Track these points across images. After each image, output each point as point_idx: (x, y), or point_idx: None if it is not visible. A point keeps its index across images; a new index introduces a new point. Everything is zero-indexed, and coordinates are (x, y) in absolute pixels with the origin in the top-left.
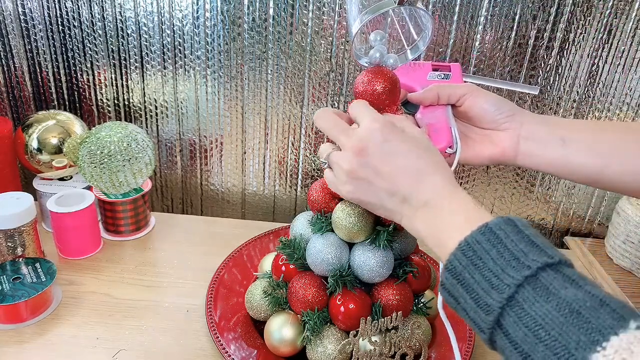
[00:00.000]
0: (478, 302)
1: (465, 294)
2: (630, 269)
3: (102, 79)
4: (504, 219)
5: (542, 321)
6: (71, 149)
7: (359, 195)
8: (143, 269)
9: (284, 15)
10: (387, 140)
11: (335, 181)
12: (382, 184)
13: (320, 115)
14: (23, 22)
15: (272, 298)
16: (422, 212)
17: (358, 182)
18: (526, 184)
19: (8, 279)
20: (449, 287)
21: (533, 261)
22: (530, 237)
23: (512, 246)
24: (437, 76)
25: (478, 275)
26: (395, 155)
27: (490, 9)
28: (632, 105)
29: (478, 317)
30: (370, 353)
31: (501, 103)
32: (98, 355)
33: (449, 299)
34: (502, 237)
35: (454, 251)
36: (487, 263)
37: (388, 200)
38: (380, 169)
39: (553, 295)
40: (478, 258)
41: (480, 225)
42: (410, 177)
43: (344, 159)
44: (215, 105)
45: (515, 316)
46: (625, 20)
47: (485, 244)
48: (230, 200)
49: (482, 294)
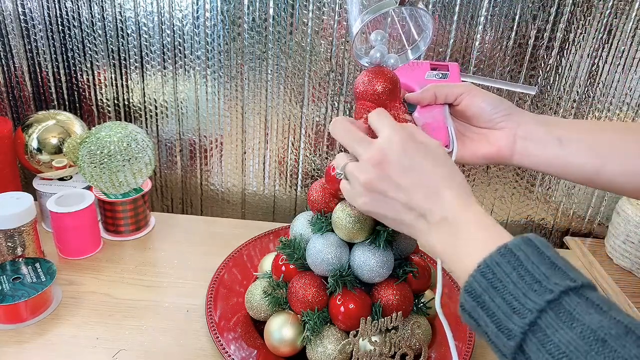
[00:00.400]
0: (499, 326)
1: (486, 317)
2: (630, 269)
3: (102, 79)
4: (524, 240)
5: (565, 349)
6: (71, 149)
7: (375, 208)
8: (143, 269)
9: (284, 15)
10: (407, 153)
11: (351, 193)
12: (399, 197)
13: (335, 124)
14: (23, 22)
15: (272, 298)
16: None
17: (374, 195)
18: (526, 184)
19: (8, 279)
20: (469, 310)
21: (555, 285)
22: (551, 259)
23: (532, 269)
24: (435, 75)
25: (499, 298)
26: (413, 169)
27: (490, 9)
28: (632, 105)
29: (500, 341)
30: (370, 353)
31: (498, 102)
32: (98, 355)
33: (469, 321)
34: (522, 259)
35: (472, 273)
36: (507, 286)
37: (405, 215)
38: (398, 182)
39: (577, 321)
40: (498, 281)
41: (499, 246)
42: (428, 192)
43: (361, 170)
44: (215, 105)
45: (538, 343)
46: (625, 20)
47: (505, 266)
48: (230, 200)
49: (503, 318)
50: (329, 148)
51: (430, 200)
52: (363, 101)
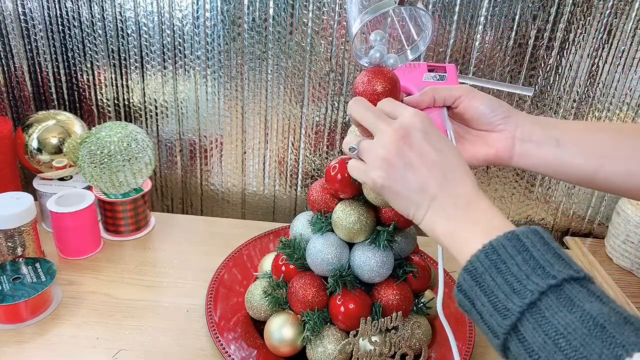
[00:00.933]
0: (496, 305)
1: (483, 296)
2: (630, 269)
3: (102, 79)
4: (531, 229)
5: (563, 330)
6: (71, 149)
7: (390, 182)
8: (143, 269)
9: (284, 15)
10: (428, 134)
11: (363, 168)
12: (415, 175)
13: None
14: (23, 22)
15: (272, 298)
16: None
17: (392, 169)
18: (526, 184)
19: (8, 279)
20: (466, 289)
21: (559, 272)
22: (556, 250)
23: (538, 255)
24: (433, 77)
25: (500, 278)
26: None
27: (490, 9)
28: (632, 105)
29: (494, 320)
30: (370, 353)
31: (496, 105)
32: (98, 355)
33: (464, 301)
34: (528, 245)
35: (476, 253)
36: (511, 268)
37: (416, 194)
38: (417, 160)
39: (577, 307)
40: (502, 262)
41: (506, 232)
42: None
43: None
44: (215, 105)
45: (535, 322)
46: (625, 20)
47: (511, 249)
48: (230, 200)
49: (502, 298)
50: (329, 148)
51: (445, 184)
52: None
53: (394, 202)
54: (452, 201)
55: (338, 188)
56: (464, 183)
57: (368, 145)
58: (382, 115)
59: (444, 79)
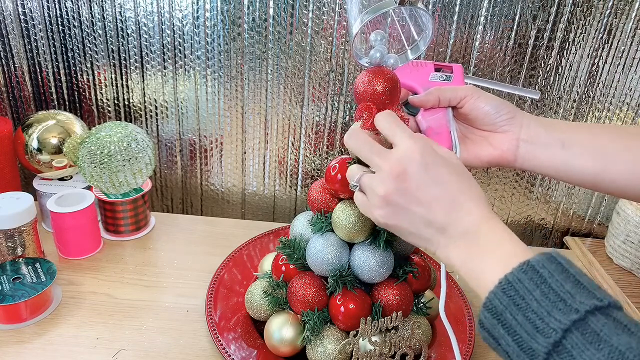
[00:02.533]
0: (521, 345)
1: (507, 335)
2: (630, 269)
3: (102, 79)
4: (547, 257)
5: None
6: (71, 149)
7: (394, 222)
8: (143, 269)
9: (284, 15)
10: (427, 167)
11: (367, 205)
12: (419, 211)
13: (351, 135)
14: (23, 22)
15: (272, 298)
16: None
17: (393, 208)
18: (526, 184)
19: (8, 279)
20: (489, 327)
21: (581, 304)
22: (575, 277)
23: (557, 286)
24: (439, 77)
25: (521, 316)
26: (433, 183)
27: (490, 9)
28: (632, 105)
29: None
30: (370, 353)
31: (501, 106)
32: (98, 355)
33: (489, 339)
34: (545, 276)
35: (493, 289)
36: (530, 304)
37: (424, 229)
38: (418, 196)
39: (604, 342)
40: (520, 298)
41: (521, 263)
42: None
43: (379, 182)
44: (215, 105)
45: None
46: (625, 20)
47: (528, 283)
48: (230, 200)
49: (526, 337)
50: (329, 148)
51: (450, 216)
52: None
53: (403, 237)
54: (461, 233)
55: (338, 188)
56: (469, 211)
57: (369, 181)
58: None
59: (451, 79)
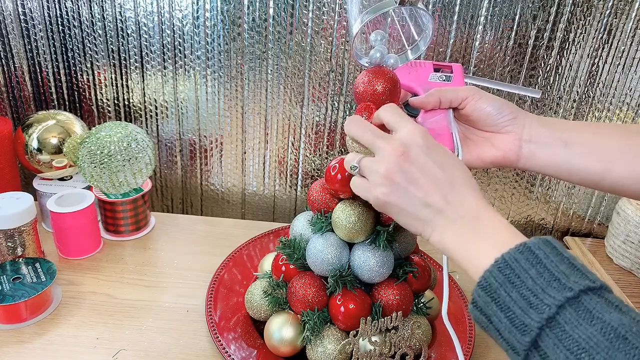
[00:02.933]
0: (514, 321)
1: (500, 312)
2: (630, 269)
3: (102, 79)
4: (542, 240)
5: (585, 344)
6: (71, 149)
7: (393, 199)
8: (143, 269)
9: (284, 15)
10: (429, 148)
11: (366, 185)
12: (418, 192)
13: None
14: (23, 22)
15: (272, 298)
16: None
17: (394, 186)
18: (526, 184)
19: (8, 279)
20: (482, 305)
21: (575, 283)
22: (570, 260)
23: (552, 267)
24: (439, 78)
25: (515, 293)
26: (435, 165)
27: (490, 9)
28: (632, 105)
29: (513, 337)
30: (370, 353)
31: (503, 106)
32: (98, 355)
33: (480, 317)
34: (541, 257)
35: (489, 268)
36: (525, 282)
37: (422, 210)
38: (419, 177)
39: (597, 319)
40: (516, 276)
41: (517, 244)
42: (448, 188)
43: (381, 162)
44: (215, 105)
45: (556, 338)
46: (625, 20)
47: (524, 262)
48: (230, 200)
49: (519, 313)
50: (329, 148)
51: (449, 198)
52: (364, 102)
53: (399, 218)
54: (459, 216)
55: (338, 188)
56: (468, 196)
57: (369, 163)
58: (379, 132)
59: (450, 79)
